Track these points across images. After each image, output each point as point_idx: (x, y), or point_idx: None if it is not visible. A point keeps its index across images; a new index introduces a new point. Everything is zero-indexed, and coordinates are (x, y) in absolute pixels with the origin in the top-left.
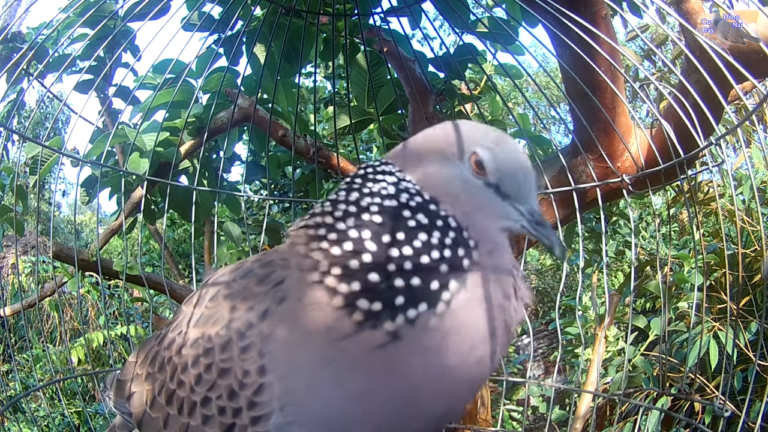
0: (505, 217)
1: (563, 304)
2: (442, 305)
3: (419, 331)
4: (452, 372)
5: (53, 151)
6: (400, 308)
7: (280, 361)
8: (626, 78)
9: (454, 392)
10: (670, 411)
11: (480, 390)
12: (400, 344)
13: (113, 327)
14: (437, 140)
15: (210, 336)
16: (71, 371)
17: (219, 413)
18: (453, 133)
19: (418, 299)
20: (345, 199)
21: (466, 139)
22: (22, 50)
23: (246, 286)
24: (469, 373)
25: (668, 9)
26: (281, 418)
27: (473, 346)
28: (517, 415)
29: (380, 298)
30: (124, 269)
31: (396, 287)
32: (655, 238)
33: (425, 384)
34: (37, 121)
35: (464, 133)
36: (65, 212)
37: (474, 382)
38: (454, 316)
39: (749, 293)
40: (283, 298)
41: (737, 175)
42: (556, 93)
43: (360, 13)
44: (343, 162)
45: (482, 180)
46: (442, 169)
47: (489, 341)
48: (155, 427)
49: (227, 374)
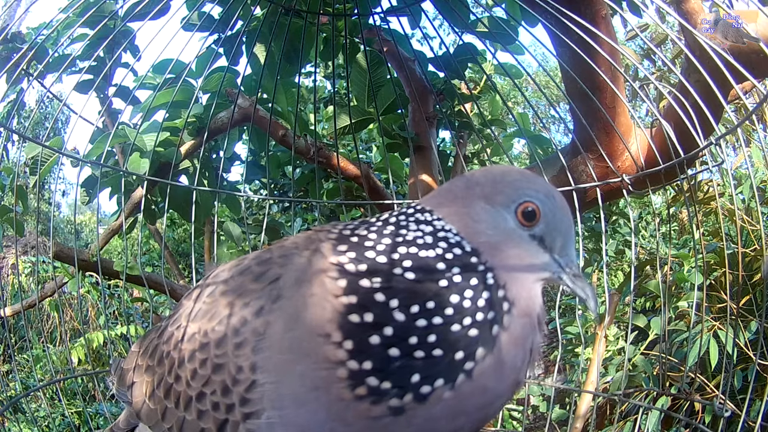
0: (546, 268)
1: (563, 303)
2: (462, 377)
3: (428, 405)
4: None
5: (53, 151)
6: (411, 386)
7: (271, 360)
8: (626, 78)
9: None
10: (670, 411)
11: None
12: (401, 417)
13: (113, 327)
14: (482, 185)
15: (206, 331)
16: (71, 371)
17: (213, 408)
18: (499, 179)
19: (435, 375)
20: (374, 246)
21: (515, 187)
22: (22, 50)
23: (242, 282)
24: (470, 430)
25: (668, 9)
26: (271, 418)
27: (482, 407)
28: (517, 415)
29: (392, 379)
30: (124, 269)
31: (415, 361)
32: (655, 237)
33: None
34: (37, 121)
35: (513, 180)
36: (65, 212)
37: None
38: (471, 385)
39: (749, 292)
40: (279, 296)
41: (737, 175)
42: (555, 92)
43: (360, 12)
44: (343, 162)
45: (527, 231)
46: (486, 217)
47: (497, 401)
48: (154, 419)
49: (221, 370)
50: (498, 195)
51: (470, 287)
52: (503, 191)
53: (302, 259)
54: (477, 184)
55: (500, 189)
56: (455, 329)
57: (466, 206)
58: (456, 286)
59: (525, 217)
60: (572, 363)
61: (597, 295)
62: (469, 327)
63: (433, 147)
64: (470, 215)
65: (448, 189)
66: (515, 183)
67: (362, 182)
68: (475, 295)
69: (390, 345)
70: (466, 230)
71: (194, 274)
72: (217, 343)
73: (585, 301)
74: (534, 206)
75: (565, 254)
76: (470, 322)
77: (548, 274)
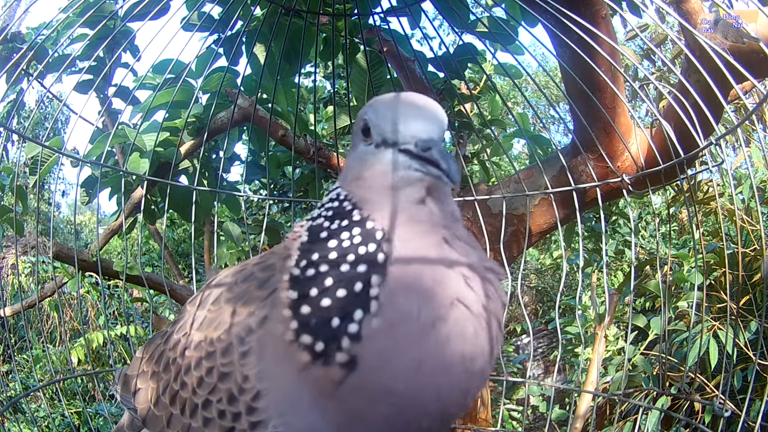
0: (396, 170)
1: (563, 303)
2: (375, 303)
3: (369, 341)
4: (428, 364)
5: (53, 151)
6: (339, 330)
7: (273, 368)
8: (626, 78)
9: (445, 380)
10: (670, 410)
11: (483, 373)
12: (359, 369)
13: (113, 327)
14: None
15: (212, 340)
16: (71, 371)
17: (219, 416)
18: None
19: (350, 310)
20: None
21: (359, 119)
22: (22, 50)
23: (247, 289)
24: (461, 352)
25: (668, 9)
26: (277, 427)
27: (428, 327)
28: (517, 415)
29: (318, 332)
30: (124, 269)
31: (326, 308)
32: (655, 237)
33: (406, 391)
34: (36, 122)
35: (359, 114)
36: (65, 212)
37: (468, 363)
38: (393, 307)
39: (749, 292)
40: None
41: (737, 175)
42: (555, 92)
43: (360, 13)
44: (343, 161)
45: (370, 144)
46: (350, 156)
47: (442, 326)
48: (159, 425)
49: (228, 378)
50: (355, 135)
51: (343, 229)
52: (355, 128)
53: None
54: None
55: (355, 128)
56: (344, 269)
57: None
58: (333, 234)
59: (364, 134)
60: (572, 363)
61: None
62: (355, 263)
63: None
64: (347, 165)
65: None
66: (359, 113)
67: None
68: (350, 235)
69: (300, 304)
70: (344, 180)
71: (194, 275)
72: (224, 352)
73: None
74: (366, 120)
75: (406, 137)
76: (354, 258)
77: (402, 174)
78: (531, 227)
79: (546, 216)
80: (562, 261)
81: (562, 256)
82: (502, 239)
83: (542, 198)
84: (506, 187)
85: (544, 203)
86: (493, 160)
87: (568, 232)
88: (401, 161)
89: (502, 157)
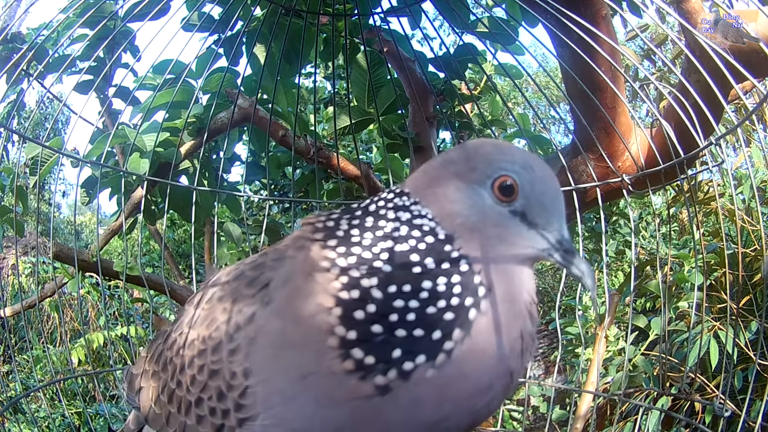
0: (531, 247)
1: (563, 303)
2: (443, 356)
3: (413, 384)
4: (442, 424)
5: (53, 151)
6: (394, 362)
7: (262, 364)
8: (626, 78)
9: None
10: (671, 411)
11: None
12: (388, 397)
13: (113, 328)
14: (456, 163)
15: (204, 338)
16: (71, 372)
17: (210, 414)
18: (473, 153)
19: (416, 351)
20: (359, 242)
21: (488, 161)
22: (22, 51)
23: (237, 287)
24: (461, 423)
25: (668, 9)
26: (265, 420)
27: (470, 396)
28: (518, 415)
29: (375, 352)
30: (124, 270)
31: (396, 338)
32: (655, 237)
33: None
34: (37, 122)
35: (486, 153)
36: (65, 213)
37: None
38: (454, 368)
39: (749, 293)
40: (270, 301)
41: (737, 175)
42: (556, 93)
43: (360, 13)
44: (343, 162)
45: (507, 207)
46: (461, 197)
47: (487, 391)
48: (159, 424)
49: (217, 376)
50: (472, 172)
51: (443, 273)
52: (477, 167)
53: (291, 260)
54: (451, 162)
55: (474, 165)
56: (430, 311)
57: (442, 186)
58: (429, 272)
59: (502, 193)
60: (572, 363)
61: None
62: (444, 310)
63: (434, 147)
64: (446, 196)
65: (426, 169)
66: (489, 156)
67: (362, 183)
68: (448, 281)
69: (373, 321)
70: (442, 213)
71: (194, 275)
72: (213, 350)
73: (580, 279)
74: (511, 179)
75: (553, 229)
76: (444, 305)
77: (534, 252)
78: None
79: None
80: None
81: None
82: None
83: None
84: None
85: None
86: None
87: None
88: (539, 242)
89: None
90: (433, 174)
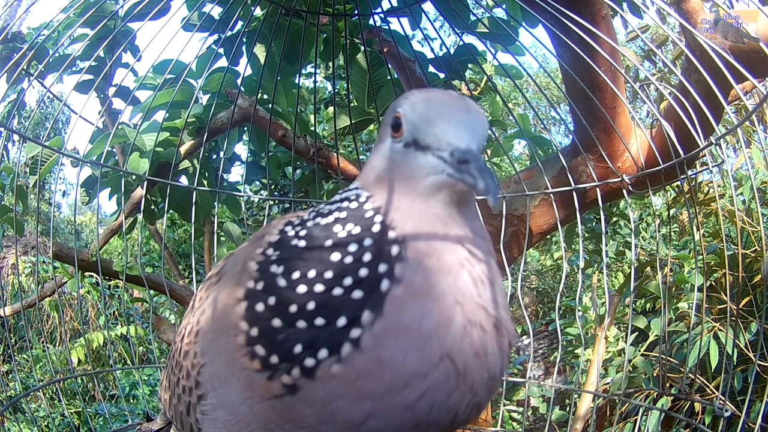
0: (428, 173)
1: (563, 304)
2: (348, 347)
3: (319, 382)
4: (370, 423)
5: (53, 151)
6: (296, 359)
7: (207, 346)
8: (626, 78)
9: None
10: (671, 411)
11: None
12: (298, 396)
13: (113, 327)
14: (382, 127)
15: (185, 324)
16: (71, 371)
17: (183, 392)
18: (387, 112)
19: (317, 345)
20: (297, 230)
21: (391, 110)
22: (22, 50)
23: (210, 277)
24: (397, 420)
25: (668, 9)
26: (212, 398)
27: (393, 390)
28: (517, 416)
29: (278, 350)
30: (124, 269)
31: (297, 332)
32: (655, 238)
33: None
34: (37, 122)
35: (392, 104)
36: (65, 212)
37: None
38: (364, 358)
39: (749, 294)
40: (218, 288)
41: (737, 176)
42: (556, 93)
43: (360, 13)
44: (343, 162)
45: (400, 142)
46: (375, 154)
47: (420, 381)
48: (170, 413)
49: (187, 356)
50: (384, 128)
51: (354, 240)
52: (386, 121)
53: (242, 249)
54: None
55: (385, 121)
56: (337, 293)
57: (371, 156)
58: (340, 243)
59: (394, 130)
60: (572, 364)
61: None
62: (351, 288)
63: None
64: (369, 162)
65: None
66: (392, 106)
67: None
68: (359, 247)
69: (273, 315)
70: (366, 179)
71: (194, 275)
72: (188, 334)
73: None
74: (398, 113)
75: (445, 144)
76: (351, 281)
77: (434, 179)
78: (531, 228)
79: (546, 216)
80: (563, 262)
81: (562, 257)
82: (503, 240)
83: (542, 198)
84: (506, 187)
85: (544, 204)
86: (493, 160)
87: (569, 233)
88: (433, 164)
89: (503, 157)
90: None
